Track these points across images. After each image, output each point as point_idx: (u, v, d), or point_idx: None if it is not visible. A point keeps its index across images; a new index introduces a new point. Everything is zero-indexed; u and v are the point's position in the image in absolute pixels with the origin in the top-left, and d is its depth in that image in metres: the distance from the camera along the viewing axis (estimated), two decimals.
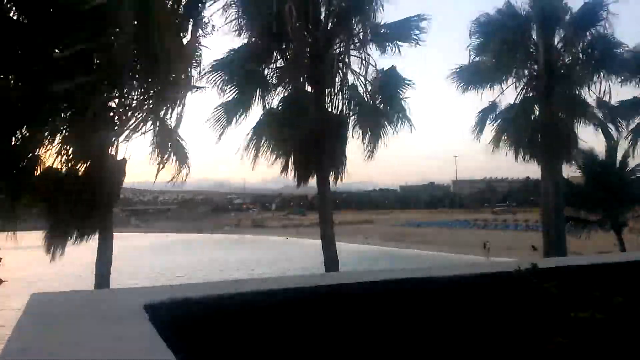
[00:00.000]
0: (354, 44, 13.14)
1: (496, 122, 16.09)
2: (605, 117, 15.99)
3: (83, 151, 9.85)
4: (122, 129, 10.08)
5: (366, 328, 2.54)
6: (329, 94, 13.11)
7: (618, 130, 16.27)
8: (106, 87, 10.11)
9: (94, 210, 9.84)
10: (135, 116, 10.17)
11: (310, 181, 13.10)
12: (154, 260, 52.06)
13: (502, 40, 15.04)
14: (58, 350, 1.49)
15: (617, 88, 15.80)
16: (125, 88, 10.16)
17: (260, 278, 7.15)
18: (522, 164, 15.74)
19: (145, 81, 10.24)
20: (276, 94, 13.15)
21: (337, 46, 13.38)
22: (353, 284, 2.75)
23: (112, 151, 10.20)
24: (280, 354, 2.33)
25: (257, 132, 12.81)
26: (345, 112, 13.36)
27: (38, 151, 9.91)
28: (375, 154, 13.20)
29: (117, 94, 10.37)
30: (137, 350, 1.50)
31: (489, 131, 16.10)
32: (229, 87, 12.52)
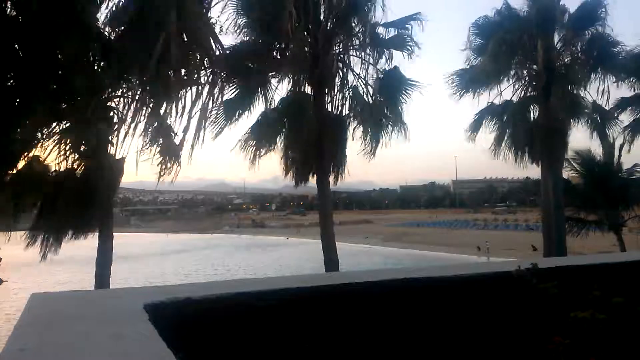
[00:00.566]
0: (352, 45, 13.15)
1: (494, 123, 16.07)
2: (601, 118, 16.02)
3: (81, 150, 9.84)
4: (120, 127, 10.08)
5: (366, 328, 2.53)
6: (328, 94, 13.10)
7: (607, 131, 16.29)
8: (106, 87, 10.09)
9: (92, 209, 9.83)
10: (134, 115, 10.16)
11: (310, 181, 13.11)
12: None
13: (500, 41, 15.02)
14: (58, 350, 1.48)
15: (616, 88, 15.86)
16: (125, 88, 10.14)
17: (260, 278, 7.15)
18: (521, 164, 15.74)
19: (145, 80, 10.22)
20: (276, 94, 13.19)
21: (337, 46, 13.38)
22: (353, 284, 2.75)
23: (110, 150, 10.20)
24: (281, 354, 2.32)
25: (256, 132, 12.79)
26: (346, 112, 13.37)
27: (37, 150, 9.92)
28: (376, 154, 13.19)
29: (116, 93, 10.36)
30: (137, 350, 1.50)
31: (487, 132, 16.09)
32: (228, 86, 12.53)
